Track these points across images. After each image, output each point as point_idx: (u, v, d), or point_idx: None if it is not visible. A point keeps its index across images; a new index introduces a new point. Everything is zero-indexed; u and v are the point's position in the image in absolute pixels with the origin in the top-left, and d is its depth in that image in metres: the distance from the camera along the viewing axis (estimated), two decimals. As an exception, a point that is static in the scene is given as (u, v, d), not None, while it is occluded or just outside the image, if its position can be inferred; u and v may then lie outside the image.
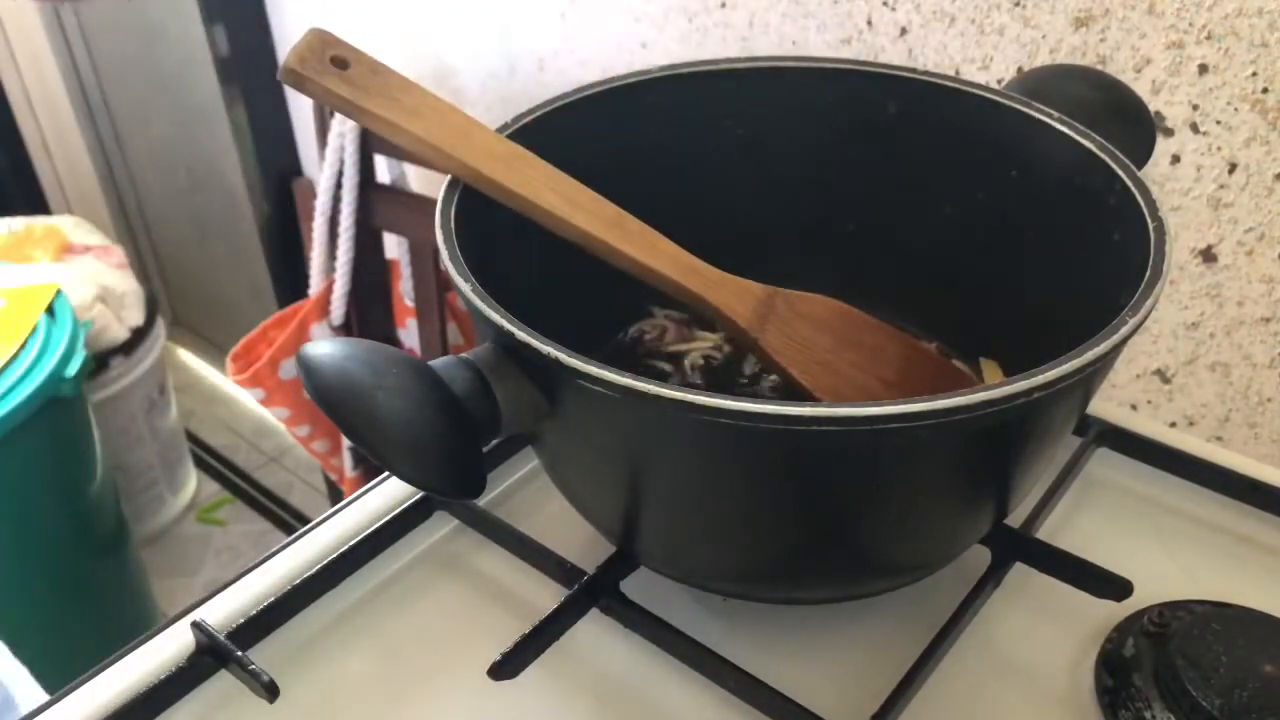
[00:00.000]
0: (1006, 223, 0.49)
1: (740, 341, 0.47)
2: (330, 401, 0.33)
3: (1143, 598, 0.43)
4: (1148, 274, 0.37)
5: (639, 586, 0.45)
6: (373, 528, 0.49)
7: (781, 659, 0.44)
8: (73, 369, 1.15)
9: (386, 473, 0.52)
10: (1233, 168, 0.62)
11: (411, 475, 0.34)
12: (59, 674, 0.51)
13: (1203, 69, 0.61)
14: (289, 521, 1.75)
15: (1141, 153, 0.48)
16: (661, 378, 0.46)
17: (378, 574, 0.49)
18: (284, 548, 0.50)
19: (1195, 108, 0.62)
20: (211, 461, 1.87)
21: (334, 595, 0.48)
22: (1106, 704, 0.41)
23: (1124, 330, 0.34)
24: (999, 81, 0.70)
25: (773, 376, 0.52)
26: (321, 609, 0.47)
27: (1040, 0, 0.66)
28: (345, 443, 1.33)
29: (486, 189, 0.42)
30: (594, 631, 0.45)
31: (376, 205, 1.19)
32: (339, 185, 1.18)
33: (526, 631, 0.42)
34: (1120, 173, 0.42)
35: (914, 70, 0.50)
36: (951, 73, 0.69)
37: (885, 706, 0.40)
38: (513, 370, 0.35)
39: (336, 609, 0.47)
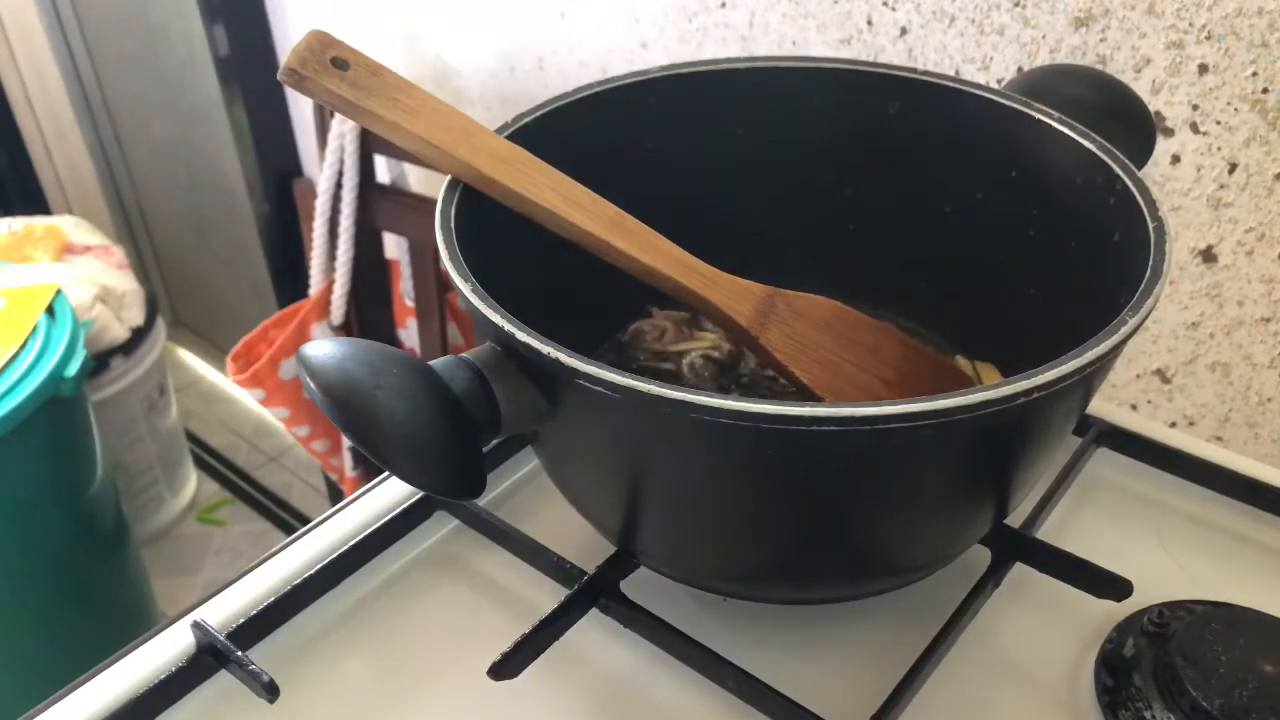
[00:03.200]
0: (1006, 223, 0.49)
1: (741, 341, 0.47)
2: (330, 401, 0.33)
3: (1143, 598, 0.43)
4: (1148, 274, 0.37)
5: (639, 586, 0.45)
6: (373, 528, 0.49)
7: (781, 659, 0.44)
8: (73, 369, 1.15)
9: (386, 473, 0.52)
10: (1233, 168, 0.62)
11: (411, 475, 0.34)
12: (59, 674, 0.51)
13: (1203, 69, 0.61)
14: (289, 521, 1.75)
15: (1141, 153, 0.48)
16: (661, 378, 0.46)
17: (378, 574, 0.49)
18: (284, 548, 0.50)
19: (1195, 108, 0.62)
20: (211, 461, 1.87)
21: (334, 595, 0.48)
22: (1106, 704, 0.41)
23: (1124, 330, 0.34)
24: (999, 81, 0.70)
25: (774, 375, 0.52)
26: (321, 609, 0.47)
27: (1040, 0, 0.66)
28: (345, 443, 1.33)
29: (487, 189, 0.42)
30: (594, 631, 0.45)
31: (376, 205, 1.19)
32: (339, 185, 1.18)
33: (526, 631, 0.42)
34: (1120, 173, 0.42)
35: (914, 70, 0.50)
36: (951, 73, 0.69)
37: (885, 706, 0.40)
38: (513, 370, 0.35)
39: (336, 609, 0.47)
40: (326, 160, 1.17)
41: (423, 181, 1.22)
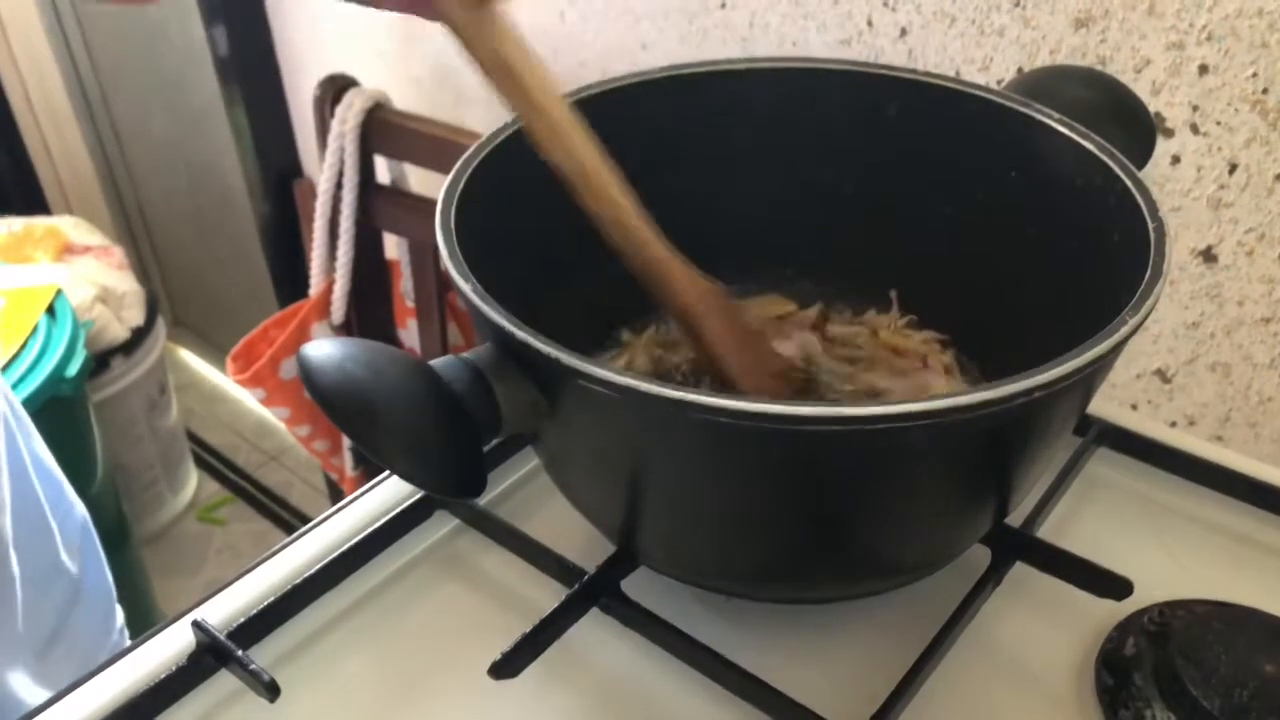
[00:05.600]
0: (1006, 223, 0.49)
1: (681, 317, 0.47)
2: (330, 401, 0.33)
3: (1143, 597, 0.43)
4: (1148, 274, 0.37)
5: (639, 586, 0.45)
6: (373, 528, 0.49)
7: (781, 659, 0.44)
8: (73, 369, 1.15)
9: (386, 472, 0.52)
10: (1233, 168, 0.62)
11: (412, 475, 0.34)
12: (59, 674, 0.51)
13: (1203, 69, 0.61)
14: (289, 521, 1.75)
15: (1141, 153, 0.48)
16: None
17: (378, 574, 0.49)
18: (284, 548, 0.50)
19: (1195, 108, 0.62)
20: (212, 461, 1.87)
21: (334, 595, 0.48)
22: (1106, 704, 0.41)
23: (1124, 330, 0.34)
24: (999, 82, 0.70)
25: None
26: (321, 609, 0.47)
27: (1040, 1, 0.66)
28: (345, 443, 1.33)
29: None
30: (594, 631, 0.45)
31: (376, 205, 1.19)
32: (339, 185, 1.18)
33: (527, 631, 0.42)
34: (1120, 173, 0.42)
35: (914, 71, 0.50)
36: (951, 73, 0.69)
37: (885, 706, 0.40)
38: (513, 370, 0.35)
39: (336, 609, 0.47)
40: (326, 160, 1.17)
41: (423, 182, 1.21)
